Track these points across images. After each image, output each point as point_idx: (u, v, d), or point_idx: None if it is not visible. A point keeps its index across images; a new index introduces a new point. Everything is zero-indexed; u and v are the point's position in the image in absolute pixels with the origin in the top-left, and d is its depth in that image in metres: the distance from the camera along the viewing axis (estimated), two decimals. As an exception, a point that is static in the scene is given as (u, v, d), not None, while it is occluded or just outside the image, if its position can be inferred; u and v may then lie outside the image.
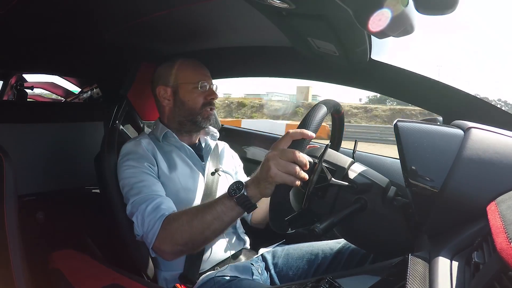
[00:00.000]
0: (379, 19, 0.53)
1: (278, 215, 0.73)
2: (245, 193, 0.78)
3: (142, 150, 1.03)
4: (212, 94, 1.12)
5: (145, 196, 0.93)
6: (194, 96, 1.09)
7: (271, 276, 1.05)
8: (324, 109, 0.75)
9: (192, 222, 0.84)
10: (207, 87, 1.11)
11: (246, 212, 0.81)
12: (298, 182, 0.71)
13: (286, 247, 1.11)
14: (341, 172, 0.78)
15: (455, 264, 0.46)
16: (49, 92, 2.87)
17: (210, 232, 0.83)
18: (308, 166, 0.72)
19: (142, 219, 0.90)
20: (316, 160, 0.76)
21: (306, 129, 0.71)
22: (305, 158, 0.72)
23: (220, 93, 1.25)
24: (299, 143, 0.71)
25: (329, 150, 0.82)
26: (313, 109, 0.75)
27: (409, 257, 0.51)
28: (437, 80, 1.00)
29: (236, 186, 0.79)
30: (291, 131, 0.73)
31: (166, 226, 0.87)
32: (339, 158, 0.82)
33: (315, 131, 0.72)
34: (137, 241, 1.00)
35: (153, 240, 0.87)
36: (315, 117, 0.73)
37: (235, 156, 1.31)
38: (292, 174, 0.70)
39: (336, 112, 0.91)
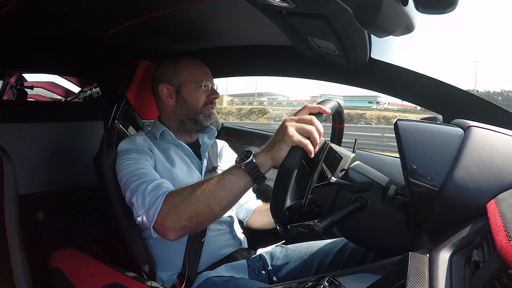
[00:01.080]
0: (379, 18, 0.53)
1: (284, 187, 0.70)
2: (254, 160, 0.75)
3: (137, 145, 1.04)
4: (214, 93, 1.12)
5: (145, 179, 0.91)
6: (197, 95, 1.10)
7: (270, 278, 1.04)
8: (336, 102, 0.83)
9: (196, 192, 0.79)
10: (210, 86, 1.12)
11: (254, 184, 0.78)
12: (311, 148, 0.71)
13: (285, 247, 1.10)
14: (346, 160, 0.79)
15: (455, 262, 0.46)
16: (48, 92, 2.87)
17: (217, 204, 0.78)
18: (321, 136, 0.74)
19: (142, 198, 0.86)
20: (328, 141, 0.78)
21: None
22: (321, 126, 0.74)
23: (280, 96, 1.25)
24: (315, 116, 0.75)
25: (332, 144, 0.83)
26: (327, 99, 0.82)
27: (409, 255, 0.51)
28: (437, 78, 1.00)
29: (245, 155, 0.77)
30: (309, 104, 0.78)
31: (170, 199, 0.83)
32: (342, 149, 0.83)
33: (331, 110, 0.78)
34: (136, 240, 1.00)
35: (155, 216, 0.82)
36: (329, 102, 0.80)
37: (234, 156, 1.31)
38: (308, 136, 0.71)
39: (338, 113, 0.91)
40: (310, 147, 0.71)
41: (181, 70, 1.11)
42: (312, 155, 0.73)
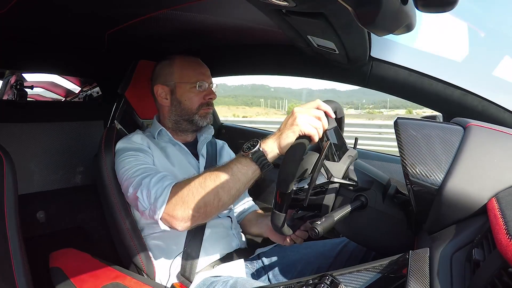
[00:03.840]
0: (379, 17, 0.53)
1: (288, 171, 0.71)
2: (260, 148, 0.77)
3: (135, 143, 1.04)
4: (210, 94, 1.10)
5: (148, 173, 0.90)
6: (191, 96, 1.08)
7: (268, 278, 1.04)
8: (335, 103, 0.84)
9: (205, 182, 0.80)
10: (206, 86, 1.10)
11: (261, 171, 0.79)
12: (317, 138, 0.75)
13: (284, 247, 1.08)
14: (352, 151, 0.82)
15: (456, 260, 0.46)
16: (48, 92, 2.87)
17: (225, 193, 0.79)
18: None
19: (147, 190, 0.86)
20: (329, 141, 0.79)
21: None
22: (327, 124, 0.77)
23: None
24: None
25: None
26: (330, 100, 0.84)
27: (410, 254, 0.51)
28: (437, 77, 1.01)
29: (251, 143, 0.79)
30: (320, 101, 0.79)
31: (177, 190, 0.83)
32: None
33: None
34: (136, 240, 1.00)
35: (162, 207, 0.82)
36: (330, 103, 0.82)
37: (233, 156, 1.30)
38: (316, 128, 0.74)
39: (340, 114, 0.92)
40: (316, 139, 0.75)
41: (176, 70, 1.09)
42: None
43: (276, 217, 0.79)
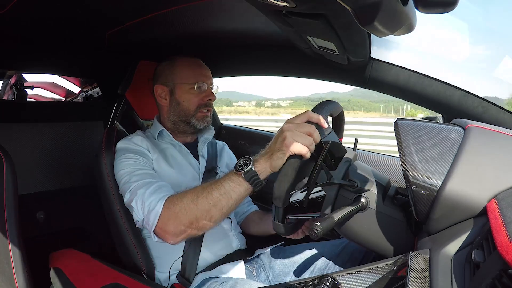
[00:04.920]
0: (378, 18, 0.53)
1: (283, 189, 0.71)
2: (253, 168, 0.76)
3: (135, 145, 1.03)
4: (209, 95, 1.10)
5: (144, 182, 0.91)
6: (190, 97, 1.08)
7: (268, 279, 1.03)
8: (335, 104, 0.83)
9: (197, 199, 0.80)
10: (205, 87, 1.10)
11: (253, 189, 0.79)
12: (308, 156, 0.73)
13: (284, 248, 1.09)
14: (350, 153, 0.81)
15: (456, 262, 0.46)
16: (48, 92, 2.87)
17: (217, 210, 0.79)
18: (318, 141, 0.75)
19: (142, 202, 0.86)
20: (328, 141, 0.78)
21: (317, 112, 0.76)
22: (319, 137, 0.74)
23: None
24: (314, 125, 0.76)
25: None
26: (324, 101, 0.82)
27: (410, 255, 0.51)
28: (437, 78, 1.01)
29: (244, 162, 0.78)
30: (310, 112, 0.77)
31: (169, 205, 0.83)
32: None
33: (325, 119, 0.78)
34: (135, 240, 1.00)
35: (155, 221, 0.83)
36: (323, 107, 0.80)
37: (233, 157, 1.30)
38: (307, 145, 0.72)
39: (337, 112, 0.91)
40: (307, 156, 0.73)
41: (176, 71, 1.09)
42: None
43: (277, 226, 0.79)
